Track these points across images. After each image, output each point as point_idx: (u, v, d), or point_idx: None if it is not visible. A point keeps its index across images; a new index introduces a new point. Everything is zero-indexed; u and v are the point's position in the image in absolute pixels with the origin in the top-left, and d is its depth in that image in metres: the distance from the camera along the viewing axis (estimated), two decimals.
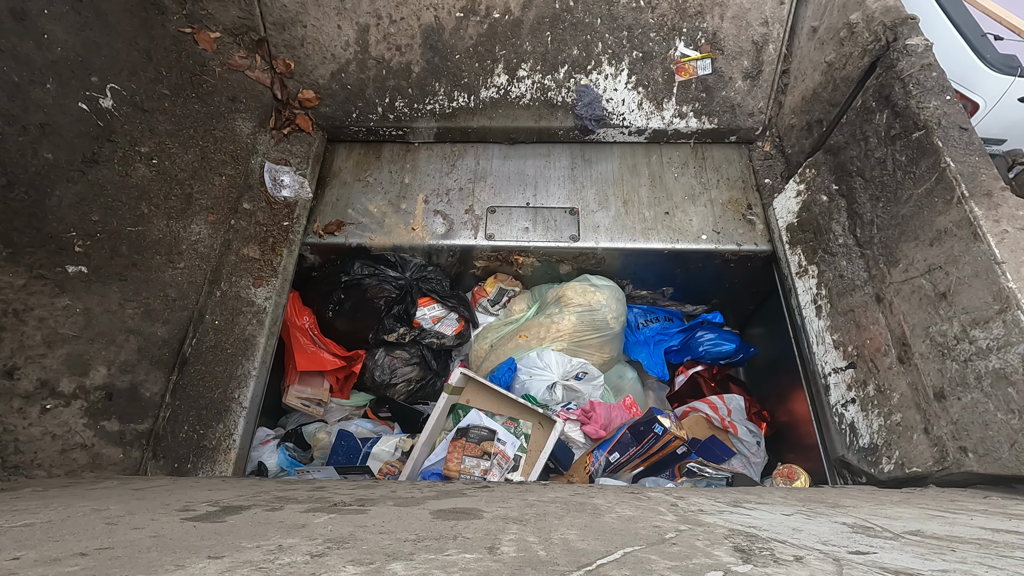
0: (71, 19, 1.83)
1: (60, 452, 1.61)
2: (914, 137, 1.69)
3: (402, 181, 2.58)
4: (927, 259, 1.61)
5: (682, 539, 0.86)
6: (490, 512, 1.04)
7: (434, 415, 2.22)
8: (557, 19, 2.39)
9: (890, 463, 1.64)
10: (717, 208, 2.48)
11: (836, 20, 2.11)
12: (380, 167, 2.62)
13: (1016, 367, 1.31)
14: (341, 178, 2.60)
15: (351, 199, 2.53)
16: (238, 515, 1.02)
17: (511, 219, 2.49)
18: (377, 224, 2.46)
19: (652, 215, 2.48)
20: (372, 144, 2.68)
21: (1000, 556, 0.81)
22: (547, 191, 2.55)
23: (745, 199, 2.50)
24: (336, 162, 2.64)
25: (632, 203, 2.51)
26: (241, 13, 2.34)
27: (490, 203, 2.52)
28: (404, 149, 2.66)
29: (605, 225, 2.46)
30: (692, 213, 2.47)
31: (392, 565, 0.72)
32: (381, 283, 2.44)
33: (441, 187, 2.56)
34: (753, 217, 2.46)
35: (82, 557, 0.76)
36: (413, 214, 2.50)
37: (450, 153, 2.65)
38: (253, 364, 2.04)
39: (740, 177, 2.58)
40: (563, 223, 2.48)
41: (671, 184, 2.56)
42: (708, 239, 2.40)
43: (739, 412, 2.46)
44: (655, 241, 2.41)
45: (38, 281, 1.65)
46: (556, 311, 2.46)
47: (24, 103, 1.67)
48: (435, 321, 2.51)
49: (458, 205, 2.51)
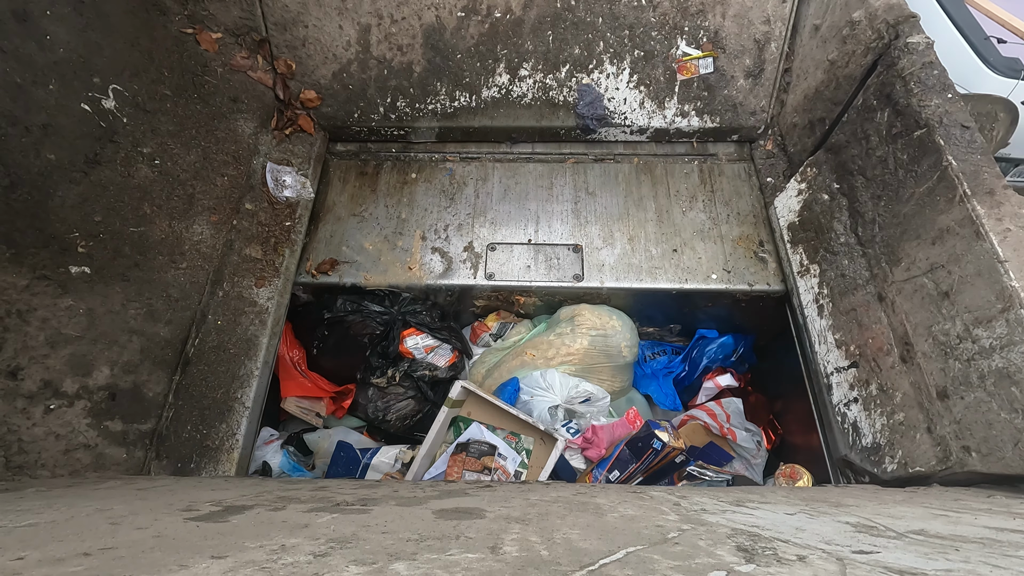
0: (73, 20, 1.83)
1: (63, 452, 1.62)
2: (915, 135, 1.68)
3: (399, 216, 2.48)
4: (929, 258, 1.61)
5: (685, 539, 0.86)
6: (492, 512, 1.04)
7: (434, 428, 2.18)
8: (559, 18, 2.39)
9: (893, 462, 1.64)
10: (727, 245, 2.38)
11: (839, 18, 2.10)
12: (376, 201, 2.52)
13: (1020, 366, 1.31)
14: (335, 213, 2.49)
15: (345, 235, 2.43)
16: (241, 515, 1.02)
17: (512, 257, 2.39)
18: (372, 263, 2.36)
19: (659, 252, 2.37)
20: (368, 176, 2.59)
21: (1004, 555, 0.81)
22: (549, 226, 2.45)
23: (757, 235, 2.40)
24: (330, 196, 2.54)
25: (638, 239, 2.41)
26: (243, 14, 2.35)
27: (490, 239, 2.42)
28: (401, 180, 2.57)
29: (610, 263, 2.35)
30: (701, 251, 2.36)
31: (395, 565, 0.72)
32: (365, 320, 2.31)
33: (439, 222, 2.47)
34: (765, 255, 2.35)
35: (86, 557, 0.77)
36: (410, 252, 2.40)
37: (448, 186, 2.56)
38: (256, 364, 2.05)
39: (751, 211, 2.47)
40: (566, 261, 2.38)
41: (679, 219, 2.45)
42: (718, 279, 2.30)
43: (738, 416, 2.41)
44: (663, 281, 2.31)
45: (41, 282, 1.65)
46: (568, 331, 2.34)
47: (26, 104, 1.67)
48: (428, 351, 2.39)
49: (457, 242, 2.41)
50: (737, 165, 2.59)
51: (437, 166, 2.62)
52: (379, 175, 2.60)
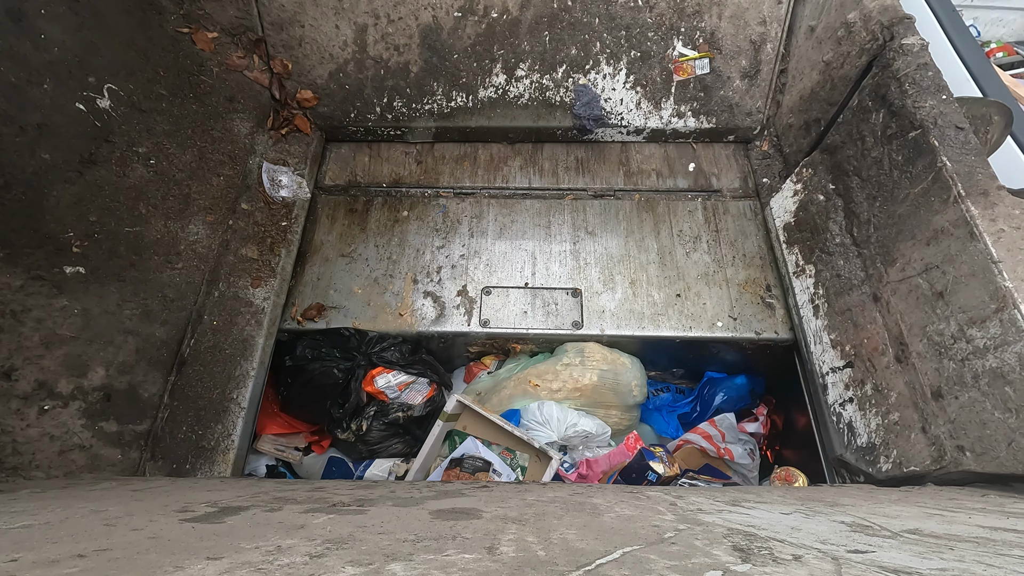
0: (68, 19, 1.82)
1: (58, 453, 1.61)
2: (910, 136, 1.69)
3: (389, 257, 2.37)
4: (924, 258, 1.61)
5: (681, 538, 0.86)
6: (489, 512, 1.04)
7: (429, 441, 2.15)
8: (555, 19, 2.39)
9: (888, 462, 1.65)
10: (733, 290, 2.27)
11: (834, 19, 2.11)
12: (366, 240, 2.41)
13: (1013, 366, 1.31)
14: (323, 253, 2.39)
15: (333, 278, 2.32)
16: (237, 516, 1.02)
17: (508, 302, 2.28)
18: (361, 308, 2.25)
19: (662, 298, 2.27)
20: (358, 213, 2.48)
21: (998, 554, 0.81)
22: (547, 269, 2.34)
23: (764, 279, 2.29)
24: (318, 234, 2.43)
25: (640, 284, 2.30)
26: (239, 13, 2.34)
27: (485, 283, 2.31)
28: (392, 218, 2.46)
29: (611, 309, 2.25)
30: (706, 296, 2.26)
31: (391, 565, 0.72)
32: (325, 367, 2.13)
33: (432, 263, 2.35)
34: (773, 300, 2.25)
35: (80, 559, 0.76)
36: (401, 296, 2.28)
37: (442, 224, 2.45)
38: (252, 364, 2.04)
39: (758, 253, 2.36)
40: (565, 307, 2.27)
41: (682, 261, 2.35)
42: (724, 326, 2.20)
43: (731, 431, 2.30)
44: (666, 328, 2.20)
45: (36, 282, 1.64)
46: (577, 362, 2.19)
47: (21, 103, 1.66)
48: (402, 388, 2.20)
49: (450, 286, 2.31)
50: (742, 203, 2.50)
51: (430, 203, 2.52)
52: (369, 212, 2.49)
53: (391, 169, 2.62)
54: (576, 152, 2.66)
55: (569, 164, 2.63)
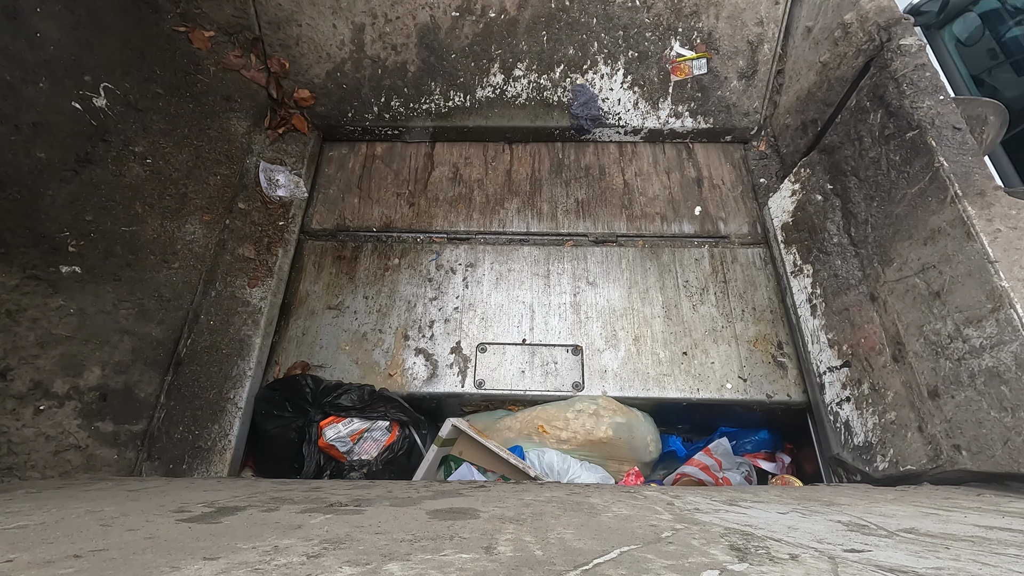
0: (64, 17, 1.81)
1: (54, 453, 1.60)
2: (908, 137, 1.69)
3: (379, 309, 2.24)
4: (921, 258, 1.62)
5: (678, 538, 0.86)
6: (487, 512, 1.04)
7: (423, 467, 2.05)
8: (553, 18, 2.39)
9: (884, 461, 1.65)
10: (743, 348, 2.15)
11: (830, 20, 2.12)
12: (354, 290, 2.29)
13: (1009, 365, 1.32)
14: (309, 305, 2.26)
15: (319, 333, 2.20)
16: (234, 516, 1.02)
17: (504, 360, 2.16)
18: (349, 367, 2.12)
19: (668, 356, 2.14)
20: (346, 261, 2.36)
21: (993, 553, 0.82)
22: (546, 323, 2.22)
23: (775, 335, 2.18)
24: (304, 284, 2.31)
25: (644, 340, 2.18)
26: (236, 12, 2.33)
27: (480, 338, 2.19)
28: (382, 266, 2.34)
29: (613, 369, 2.13)
30: (714, 354, 2.14)
31: (388, 565, 0.71)
32: (281, 428, 1.99)
33: (424, 317, 2.23)
34: (784, 359, 2.13)
35: (76, 559, 0.76)
36: (391, 354, 2.15)
37: (435, 273, 2.33)
38: (248, 364, 2.04)
39: (768, 306, 2.24)
40: (565, 366, 2.14)
41: (688, 315, 2.22)
42: (733, 388, 2.08)
43: (727, 457, 2.17)
44: (672, 390, 2.09)
45: (31, 281, 1.64)
46: (590, 410, 2.03)
47: (17, 102, 1.66)
48: (355, 438, 2.00)
49: (443, 342, 2.18)
50: (751, 251, 2.38)
51: (422, 249, 2.40)
52: (358, 260, 2.37)
53: (382, 211, 2.48)
54: (576, 193, 2.53)
55: (569, 207, 2.50)
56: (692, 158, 2.63)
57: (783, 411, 2.12)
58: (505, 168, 2.60)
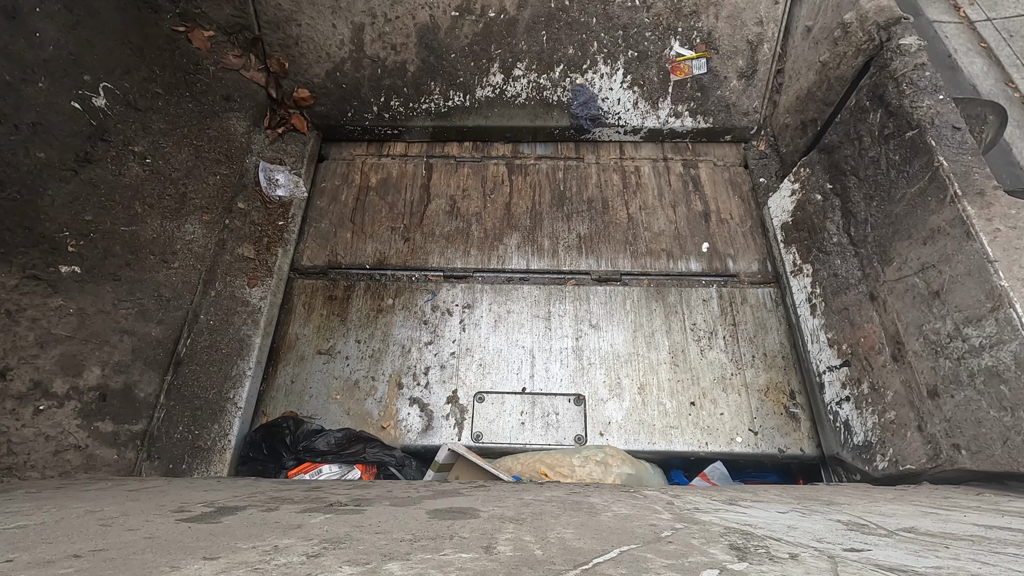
0: (63, 17, 1.81)
1: (53, 453, 1.60)
2: (907, 136, 1.70)
3: (371, 355, 2.13)
4: (920, 258, 1.62)
5: (678, 537, 0.86)
6: (486, 511, 1.04)
7: None
8: (553, 18, 2.39)
9: (884, 460, 1.65)
10: (754, 398, 2.05)
11: (830, 20, 2.12)
12: (346, 334, 2.17)
13: (1008, 365, 1.32)
14: (298, 350, 2.15)
15: (308, 381, 2.08)
16: (233, 516, 1.02)
17: (503, 410, 2.05)
18: (340, 419, 2.02)
19: (675, 407, 2.04)
20: (337, 301, 2.25)
21: (993, 552, 0.82)
22: (547, 370, 2.12)
23: (787, 383, 2.08)
24: (293, 327, 2.19)
25: (650, 389, 2.07)
26: (235, 12, 2.33)
27: (478, 387, 2.08)
28: (375, 307, 2.23)
29: (618, 420, 2.03)
30: (723, 404, 2.04)
31: (388, 565, 0.71)
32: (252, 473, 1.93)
33: (419, 363, 2.12)
34: (797, 410, 2.03)
35: (76, 559, 0.76)
36: (384, 404, 2.05)
37: (430, 315, 2.22)
38: (248, 364, 2.03)
39: (779, 351, 2.14)
40: (567, 417, 2.03)
41: (696, 361, 2.12)
42: (744, 441, 1.99)
43: (724, 480, 2.09)
44: (679, 443, 1.99)
45: (31, 281, 1.64)
46: (598, 458, 1.93)
47: (16, 102, 1.66)
48: None
49: (439, 390, 2.07)
50: (761, 291, 2.27)
51: (417, 288, 2.28)
52: (350, 300, 2.25)
53: (375, 247, 2.37)
54: (578, 228, 2.43)
55: (571, 242, 2.39)
56: (699, 190, 2.51)
57: (796, 465, 2.06)
58: (504, 200, 2.50)
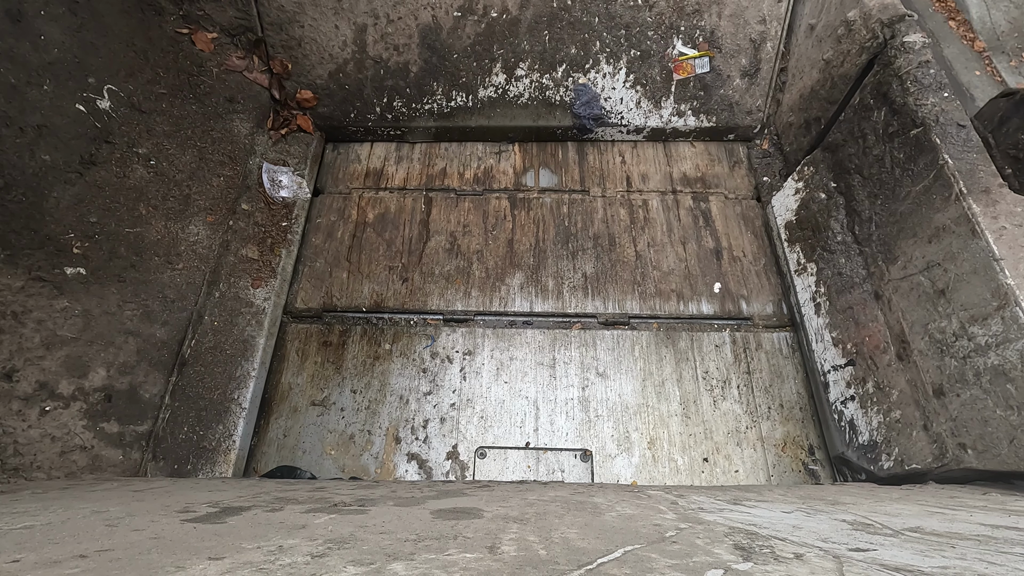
0: (68, 20, 1.82)
1: (59, 454, 1.61)
2: (912, 134, 1.69)
3: (368, 406, 2.06)
4: (925, 256, 1.61)
5: (682, 537, 0.86)
6: (490, 511, 1.04)
7: None
8: (555, 18, 2.39)
9: (889, 460, 1.64)
10: (770, 453, 1.95)
11: (834, 18, 2.11)
12: (341, 383, 2.09)
13: (1015, 363, 1.31)
14: (291, 401, 2.07)
15: (302, 434, 2.01)
16: (238, 516, 1.02)
17: (506, 467, 1.96)
18: (334, 474, 1.95)
19: (687, 463, 1.94)
20: (332, 347, 2.17)
21: (1000, 552, 0.81)
22: (551, 422, 2.02)
23: (805, 437, 1.98)
24: (286, 376, 2.12)
25: (660, 443, 1.98)
26: (238, 13, 2.34)
27: (479, 441, 1.99)
28: (372, 354, 2.16)
29: (627, 478, 1.94)
30: (738, 460, 1.94)
31: (393, 565, 0.72)
32: None
33: (418, 415, 2.04)
34: (816, 467, 1.93)
35: (82, 559, 0.76)
36: (381, 460, 1.96)
37: (430, 362, 2.14)
38: (252, 365, 2.04)
39: (796, 401, 2.04)
40: (573, 474, 1.94)
41: (709, 413, 2.02)
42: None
43: None
44: None
45: (36, 283, 1.64)
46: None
47: (21, 105, 1.67)
48: None
49: (438, 444, 1.99)
50: (777, 335, 2.17)
51: (416, 332, 2.20)
52: (345, 346, 2.17)
53: (372, 288, 2.28)
54: (584, 267, 2.32)
55: (576, 282, 2.29)
56: (710, 225, 2.42)
57: None
58: (507, 237, 2.41)
